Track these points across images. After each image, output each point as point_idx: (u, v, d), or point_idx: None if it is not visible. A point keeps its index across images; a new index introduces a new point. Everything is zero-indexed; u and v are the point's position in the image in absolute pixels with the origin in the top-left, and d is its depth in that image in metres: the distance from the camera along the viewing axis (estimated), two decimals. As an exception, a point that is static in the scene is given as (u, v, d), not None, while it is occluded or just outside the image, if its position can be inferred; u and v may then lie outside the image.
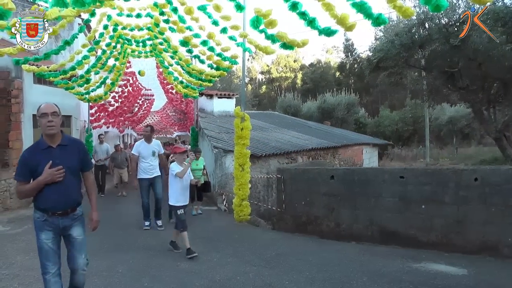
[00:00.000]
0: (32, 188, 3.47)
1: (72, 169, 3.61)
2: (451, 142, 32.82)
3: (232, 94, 20.21)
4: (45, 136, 3.57)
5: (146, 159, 8.31)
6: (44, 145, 3.55)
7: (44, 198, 3.51)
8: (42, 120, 3.51)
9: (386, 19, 5.14)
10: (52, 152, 3.53)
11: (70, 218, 3.66)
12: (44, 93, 12.65)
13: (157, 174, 8.47)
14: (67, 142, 3.66)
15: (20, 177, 3.52)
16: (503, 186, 5.78)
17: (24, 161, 3.52)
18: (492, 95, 15.57)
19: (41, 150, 3.53)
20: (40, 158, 3.47)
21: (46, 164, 3.43)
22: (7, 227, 8.71)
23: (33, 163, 3.46)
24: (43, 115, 3.52)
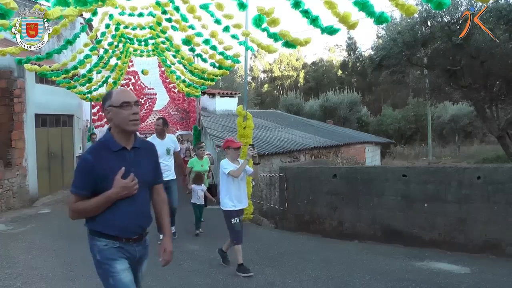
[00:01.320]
0: (99, 205, 2.47)
1: (147, 180, 2.68)
2: (454, 140, 32.73)
3: (234, 93, 20.22)
4: (121, 133, 2.57)
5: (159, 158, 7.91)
6: (117, 145, 2.55)
7: (112, 220, 2.51)
8: (123, 112, 2.51)
9: (389, 17, 5.13)
10: (126, 156, 2.57)
11: (143, 246, 2.70)
12: (46, 93, 12.68)
13: (173, 177, 7.19)
14: (139, 144, 2.70)
15: (80, 189, 2.48)
16: (506, 185, 5.77)
17: (88, 167, 2.47)
18: (495, 93, 15.51)
19: (112, 153, 2.54)
20: (112, 163, 2.50)
21: (117, 171, 2.48)
22: (10, 226, 8.74)
23: (102, 170, 2.46)
24: (125, 105, 2.52)
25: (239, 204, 5.40)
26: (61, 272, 5.48)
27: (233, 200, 5.37)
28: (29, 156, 11.66)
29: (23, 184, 11.37)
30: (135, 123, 2.55)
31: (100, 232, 2.56)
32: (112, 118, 2.56)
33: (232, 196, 5.37)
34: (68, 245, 7.01)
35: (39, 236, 7.81)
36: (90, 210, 2.51)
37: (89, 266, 5.65)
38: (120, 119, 2.53)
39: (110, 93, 2.62)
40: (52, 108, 13.23)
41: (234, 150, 5.53)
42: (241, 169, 5.34)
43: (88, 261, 5.97)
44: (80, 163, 2.55)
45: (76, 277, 5.24)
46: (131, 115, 2.53)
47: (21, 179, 11.31)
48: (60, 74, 10.70)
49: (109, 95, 2.59)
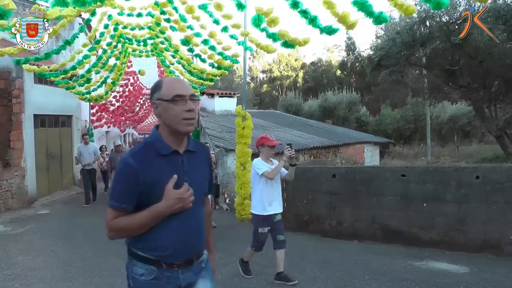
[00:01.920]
0: (146, 222, 1.95)
1: (203, 190, 2.21)
2: (453, 140, 32.74)
3: (233, 93, 20.21)
4: (171, 134, 2.05)
5: None
6: (167, 148, 2.03)
7: (159, 240, 2.00)
8: (174, 108, 1.99)
9: (387, 17, 5.13)
10: (178, 162, 2.06)
11: (195, 271, 2.14)
12: (45, 93, 12.66)
13: None
14: (194, 146, 2.17)
15: (121, 202, 1.96)
16: (504, 184, 5.77)
17: (131, 174, 1.95)
18: (493, 93, 15.54)
19: (161, 157, 2.01)
20: (162, 170, 1.99)
21: (168, 180, 1.96)
22: (9, 227, 8.73)
23: (149, 178, 1.95)
24: (177, 99, 1.99)
25: (270, 208, 4.92)
26: (60, 273, 5.47)
27: (265, 204, 4.90)
28: (27, 156, 11.64)
29: (21, 185, 11.36)
30: (189, 123, 2.02)
31: (139, 255, 2.03)
32: (160, 115, 2.04)
33: (263, 200, 4.90)
34: (67, 246, 7.01)
35: (38, 236, 7.81)
36: (134, 229, 1.98)
37: (88, 267, 5.67)
38: (170, 116, 2.00)
39: (160, 83, 2.09)
40: (51, 109, 13.22)
41: (269, 148, 5.01)
42: (277, 170, 4.89)
43: (87, 261, 6.00)
44: (121, 169, 2.01)
45: (75, 278, 5.23)
46: (185, 112, 1.99)
47: (20, 180, 11.30)
48: (59, 74, 10.70)
49: (158, 85, 2.08)
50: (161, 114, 2.03)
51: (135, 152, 2.03)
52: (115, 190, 2.00)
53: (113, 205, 1.98)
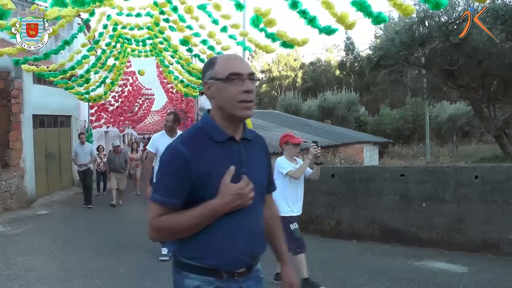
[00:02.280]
0: (197, 222, 1.65)
1: (262, 185, 1.87)
2: (452, 140, 32.76)
3: (232, 93, 20.17)
4: (226, 119, 1.74)
5: None
6: (222, 134, 1.73)
7: (213, 245, 1.69)
8: (230, 88, 1.69)
9: (386, 17, 5.13)
10: (234, 151, 1.76)
11: (254, 279, 1.85)
12: (44, 93, 12.66)
13: None
14: (251, 135, 1.87)
15: (168, 196, 1.66)
16: (503, 184, 5.78)
17: (182, 163, 1.65)
18: (492, 93, 15.55)
19: (216, 145, 1.72)
20: (217, 160, 1.69)
21: (224, 172, 1.65)
22: (8, 227, 8.72)
23: (203, 168, 1.65)
24: (233, 78, 1.68)
25: (295, 209, 4.76)
26: (59, 274, 5.46)
27: (289, 204, 4.69)
28: (26, 157, 11.64)
29: (20, 185, 11.34)
30: (247, 106, 1.70)
31: (192, 265, 1.70)
32: (213, 96, 1.75)
33: (288, 200, 4.68)
34: (66, 246, 7.01)
35: (37, 237, 7.80)
36: (182, 229, 1.66)
37: (87, 267, 5.66)
38: (225, 98, 1.70)
39: (214, 60, 1.79)
40: (50, 109, 13.21)
41: (293, 146, 4.80)
42: (302, 170, 4.71)
43: (86, 261, 5.99)
44: (169, 158, 1.69)
45: (74, 278, 5.23)
46: (242, 93, 1.69)
47: (19, 180, 11.28)
48: (58, 74, 10.69)
49: (211, 62, 1.78)
50: (214, 96, 1.75)
51: (185, 137, 1.74)
52: (162, 182, 1.70)
53: (159, 199, 1.67)
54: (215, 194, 1.64)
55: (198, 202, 1.65)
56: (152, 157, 6.09)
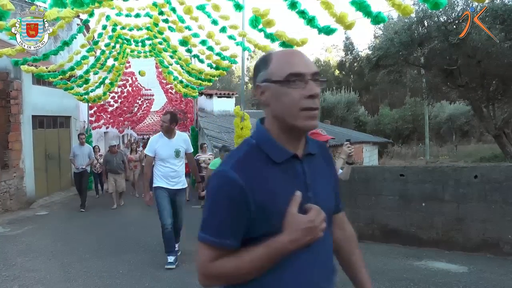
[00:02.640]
0: (261, 264, 1.30)
1: (330, 209, 1.52)
2: (451, 139, 32.79)
3: (231, 94, 20.21)
4: (285, 131, 1.38)
5: (165, 162, 5.69)
6: (282, 153, 1.38)
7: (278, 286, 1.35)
8: (288, 92, 1.33)
9: (385, 17, 5.14)
10: (298, 172, 1.40)
11: None
12: (43, 94, 12.65)
13: (183, 185, 5.90)
14: (313, 147, 1.50)
15: (221, 237, 1.33)
16: (503, 183, 5.78)
17: (237, 194, 1.30)
18: (491, 92, 15.56)
19: (274, 166, 1.36)
20: (278, 185, 1.35)
21: (288, 200, 1.32)
22: (7, 228, 8.72)
23: (262, 198, 1.31)
24: (293, 78, 1.33)
25: None
26: (59, 274, 5.46)
27: None
28: (26, 157, 11.63)
29: (20, 186, 11.34)
30: (311, 115, 1.34)
31: None
32: (268, 103, 1.37)
33: None
34: (65, 247, 7.00)
35: (36, 238, 7.80)
36: (243, 274, 1.31)
37: (87, 268, 5.66)
38: (284, 106, 1.33)
39: (268, 57, 1.40)
40: (49, 110, 13.21)
41: None
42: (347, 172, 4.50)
43: (86, 262, 5.99)
44: (219, 188, 1.32)
45: (73, 279, 5.23)
46: (305, 99, 1.31)
47: (18, 181, 11.28)
48: (57, 75, 10.69)
49: (265, 60, 1.40)
50: (270, 103, 1.37)
51: (237, 159, 1.34)
52: (212, 219, 1.33)
53: (211, 241, 1.31)
54: (279, 229, 1.29)
55: (257, 240, 1.30)
56: (151, 161, 5.82)
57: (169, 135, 5.73)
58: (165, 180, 5.67)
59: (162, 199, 5.63)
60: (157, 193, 5.66)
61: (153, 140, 5.87)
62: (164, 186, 5.66)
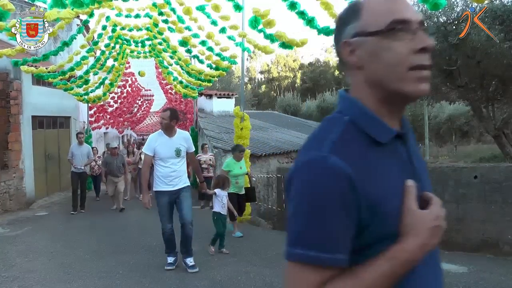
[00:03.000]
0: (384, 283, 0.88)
1: None
2: (450, 140, 32.79)
3: (231, 94, 20.21)
4: (386, 102, 1.01)
5: (165, 162, 5.33)
6: (386, 131, 1.00)
7: None
8: (392, 46, 0.95)
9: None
10: (401, 154, 1.04)
11: None
12: (43, 94, 12.65)
13: (184, 184, 5.46)
14: (407, 124, 1.13)
15: (329, 250, 0.89)
16: (502, 184, 5.78)
17: (343, 189, 0.89)
18: (491, 93, 15.56)
19: (378, 149, 0.98)
20: (386, 171, 0.97)
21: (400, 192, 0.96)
22: (7, 229, 8.71)
23: (371, 191, 0.91)
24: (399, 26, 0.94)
25: None
26: (58, 275, 5.46)
27: None
28: (26, 158, 11.63)
29: (20, 186, 11.34)
30: (423, 76, 0.99)
31: None
32: (362, 64, 1.03)
33: None
34: (65, 248, 7.00)
35: (36, 238, 7.79)
36: None
37: (86, 268, 5.66)
38: (385, 65, 0.99)
39: (359, 4, 1.05)
40: (49, 110, 13.21)
41: None
42: None
43: (85, 263, 5.99)
44: (319, 182, 0.92)
45: (73, 280, 5.22)
46: (415, 54, 0.98)
47: (18, 181, 11.28)
48: (57, 75, 10.70)
49: (355, 8, 1.05)
50: (365, 63, 1.02)
51: (335, 141, 0.96)
52: (315, 228, 0.91)
53: (318, 259, 0.90)
54: (395, 232, 0.96)
55: (367, 249, 0.95)
56: (149, 161, 5.51)
57: (169, 133, 5.40)
58: (165, 181, 5.31)
59: (162, 206, 5.36)
60: (158, 199, 5.37)
61: (152, 138, 5.49)
62: (164, 189, 5.31)
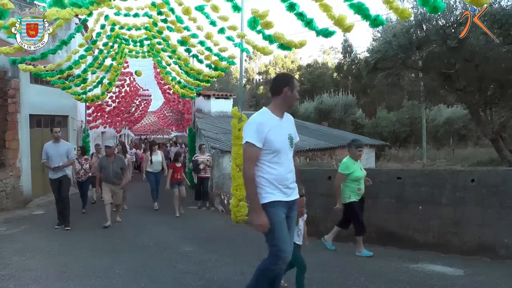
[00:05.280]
0: None
1: None
2: (448, 143, 32.87)
3: (229, 95, 20.23)
4: None
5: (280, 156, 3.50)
6: None
7: None
8: None
9: (384, 20, 5.16)
10: None
11: None
12: (41, 93, 12.63)
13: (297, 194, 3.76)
14: None
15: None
16: (499, 188, 5.80)
17: None
18: (489, 97, 15.62)
19: None
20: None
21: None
22: (3, 227, 8.69)
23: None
24: None
25: None
26: (55, 274, 5.45)
27: None
28: (23, 157, 11.61)
29: (16, 185, 11.31)
30: None
31: None
32: None
33: None
34: (62, 246, 6.99)
35: (33, 237, 7.77)
36: None
37: (83, 268, 5.65)
38: None
39: None
40: (47, 109, 13.19)
41: None
42: None
43: (82, 262, 5.98)
44: None
45: (70, 279, 5.21)
46: None
47: (15, 180, 11.25)
48: (55, 74, 10.68)
49: None
50: None
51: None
52: None
53: None
54: None
55: None
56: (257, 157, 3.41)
57: (282, 113, 3.71)
58: (281, 187, 3.48)
59: (280, 223, 3.44)
60: (271, 214, 3.39)
61: (259, 120, 3.47)
62: (282, 199, 3.47)
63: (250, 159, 3.42)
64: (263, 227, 3.40)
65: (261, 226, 3.40)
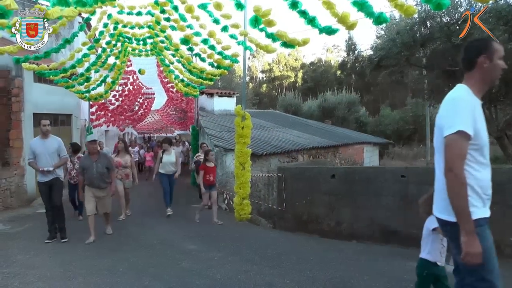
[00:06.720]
0: None
1: None
2: (452, 141, 32.78)
3: (232, 93, 20.22)
4: None
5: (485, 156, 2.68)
6: None
7: None
8: None
9: (387, 17, 5.13)
10: None
11: None
12: (44, 92, 12.66)
13: None
14: None
15: None
16: (504, 186, 5.77)
17: None
18: (494, 94, 15.53)
19: None
20: None
21: None
22: (8, 226, 8.73)
23: None
24: None
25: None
26: (59, 272, 5.46)
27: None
28: (27, 155, 11.60)
29: (20, 184, 11.34)
30: None
31: None
32: None
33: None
34: (66, 245, 7.00)
35: (37, 235, 7.79)
36: None
37: (87, 266, 5.66)
38: None
39: None
40: (50, 108, 13.21)
41: None
42: None
43: (86, 260, 5.99)
44: None
45: (74, 277, 5.22)
46: None
47: (19, 179, 11.28)
48: (58, 73, 10.68)
49: None
50: None
51: None
52: None
53: None
54: None
55: None
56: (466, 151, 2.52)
57: (481, 95, 2.87)
58: (485, 197, 2.72)
59: (493, 249, 2.93)
60: (482, 236, 2.69)
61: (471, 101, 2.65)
62: (487, 215, 2.76)
63: (461, 156, 2.49)
64: (478, 256, 2.51)
65: (476, 256, 2.51)
